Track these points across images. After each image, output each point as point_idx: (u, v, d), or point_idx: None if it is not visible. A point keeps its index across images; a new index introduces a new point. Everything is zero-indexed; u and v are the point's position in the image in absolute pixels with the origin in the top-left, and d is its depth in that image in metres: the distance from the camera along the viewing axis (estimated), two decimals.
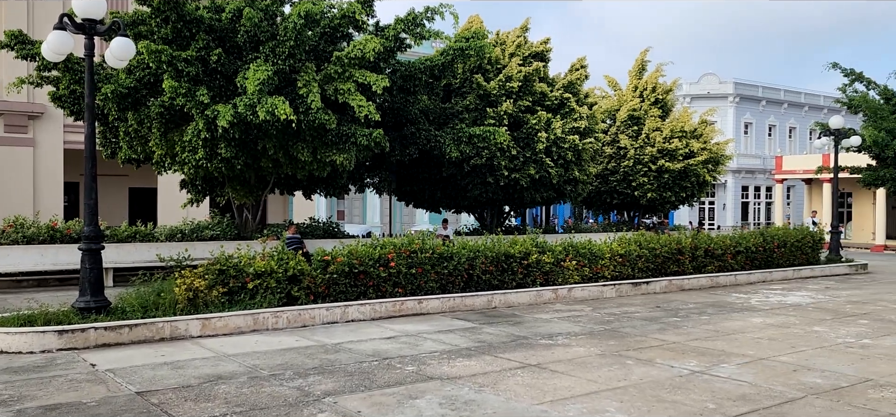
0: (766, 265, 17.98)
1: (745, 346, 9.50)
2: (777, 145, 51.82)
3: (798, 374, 7.96)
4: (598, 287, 14.34)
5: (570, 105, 21.38)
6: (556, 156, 20.79)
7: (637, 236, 16.12)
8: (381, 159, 18.63)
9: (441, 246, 12.77)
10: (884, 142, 26.53)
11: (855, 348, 9.46)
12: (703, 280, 16.10)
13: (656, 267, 15.77)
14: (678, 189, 26.68)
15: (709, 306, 13.28)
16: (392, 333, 10.27)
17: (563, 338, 9.98)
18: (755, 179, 51.09)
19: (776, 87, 52.82)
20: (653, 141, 26.41)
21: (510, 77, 20.26)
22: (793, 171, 41.96)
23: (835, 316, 12.21)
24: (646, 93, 27.83)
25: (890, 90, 28.58)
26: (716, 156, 27.15)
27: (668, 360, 8.61)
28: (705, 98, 48.28)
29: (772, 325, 11.20)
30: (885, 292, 15.68)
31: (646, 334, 10.36)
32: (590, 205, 29.77)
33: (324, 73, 14.70)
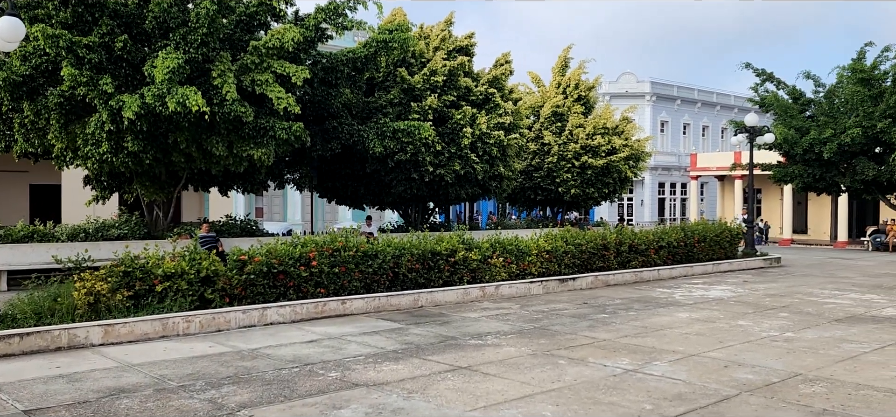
0: (688, 259, 18.28)
1: (675, 342, 9.43)
2: (691, 143, 53.54)
3: (730, 370, 7.89)
4: (526, 284, 14.14)
5: (494, 100, 21.19)
6: (481, 151, 20.55)
7: (563, 232, 16.04)
8: (302, 154, 17.91)
9: (365, 243, 12.27)
10: (793, 139, 27.61)
11: (780, 341, 9.53)
12: (627, 275, 16.17)
13: (582, 263, 15.73)
14: (601, 185, 26.96)
15: (635, 301, 13.27)
16: (314, 336, 9.71)
17: (492, 338, 9.66)
18: (671, 176, 52.62)
19: (690, 87, 54.56)
20: (576, 137, 26.59)
21: (435, 71, 19.87)
22: (707, 168, 43.40)
23: (756, 309, 12.39)
24: (569, 90, 28.00)
25: (798, 90, 29.80)
26: (637, 152, 27.60)
27: (601, 359, 8.41)
28: (624, 96, 49.32)
29: (698, 320, 11.24)
30: (799, 285, 16.15)
31: (576, 332, 10.17)
32: (514, 201, 29.77)
33: (240, 64, 13.92)
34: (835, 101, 28.86)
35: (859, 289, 15.25)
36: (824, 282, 16.60)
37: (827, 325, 10.80)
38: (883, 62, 27.92)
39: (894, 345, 9.30)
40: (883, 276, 18.08)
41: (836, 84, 29.30)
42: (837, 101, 28.71)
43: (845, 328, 10.57)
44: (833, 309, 12.48)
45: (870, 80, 27.55)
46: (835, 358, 8.49)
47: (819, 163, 28.21)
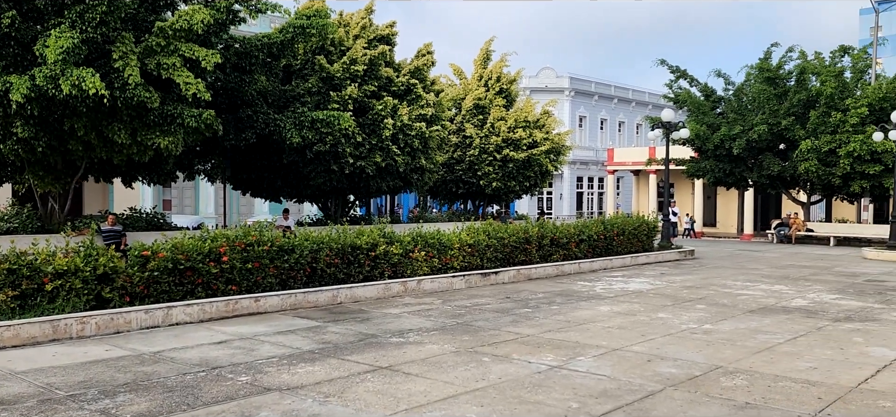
0: (607, 252, 18.47)
1: (598, 336, 9.33)
2: (608, 138, 54.73)
3: (653, 364, 7.82)
4: (448, 278, 13.87)
5: (416, 91, 20.82)
6: (402, 143, 20.15)
7: (485, 226, 15.86)
8: (214, 144, 17.04)
9: (281, 237, 11.68)
10: (705, 135, 28.52)
11: (699, 334, 9.59)
12: (549, 269, 16.15)
13: (504, 257, 15.60)
14: (522, 178, 27.04)
15: (557, 295, 13.21)
16: (224, 337, 9.10)
17: (414, 335, 9.31)
18: (589, 170, 53.66)
19: (607, 83, 55.75)
20: (498, 130, 26.55)
21: (355, 60, 19.33)
22: (623, 163, 44.44)
23: (674, 301, 12.52)
24: (491, 83, 27.94)
25: (710, 87, 30.79)
26: (557, 146, 27.83)
27: (525, 355, 8.20)
28: (543, 91, 49.88)
29: (619, 313, 11.23)
30: (713, 277, 16.53)
31: (499, 327, 9.95)
32: (436, 194, 29.52)
33: (144, 46, 13.01)
34: (743, 99, 30.01)
35: (768, 281, 15.73)
36: (736, 274, 17.07)
37: (742, 316, 10.98)
38: (787, 62, 29.17)
39: (805, 336, 9.50)
40: (789, 268, 18.77)
41: (744, 82, 30.49)
42: (746, 99, 29.86)
43: (759, 319, 10.77)
44: (746, 300, 12.75)
45: (775, 80, 28.74)
46: (752, 350, 8.57)
47: (729, 159, 29.26)
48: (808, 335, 9.55)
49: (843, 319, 10.80)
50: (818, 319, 10.78)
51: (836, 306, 12.09)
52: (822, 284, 15.13)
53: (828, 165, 26.32)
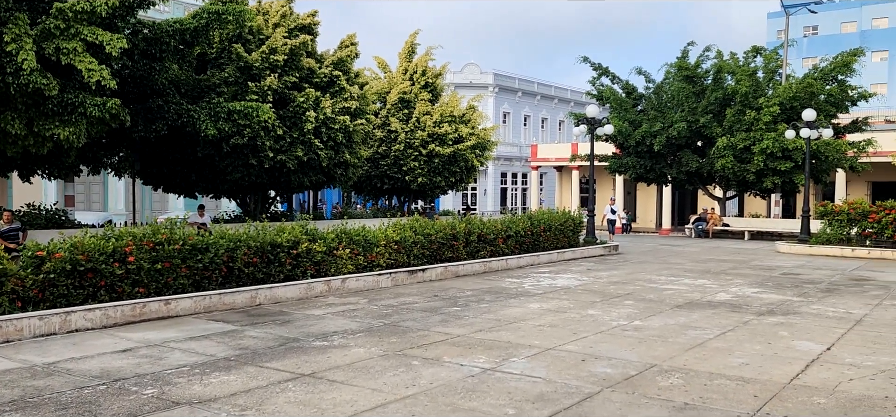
0: (534, 248, 18.36)
1: (530, 336, 9.06)
2: (532, 134, 55.22)
3: (588, 364, 7.58)
4: (374, 276, 13.38)
5: (340, 83, 20.17)
6: (325, 137, 19.48)
7: (412, 222, 15.44)
8: (122, 135, 15.96)
9: (194, 235, 10.92)
10: (627, 132, 28.95)
11: (630, 331, 9.46)
12: (476, 265, 15.88)
13: (431, 254, 15.22)
14: (448, 174, 26.75)
15: (486, 293, 12.92)
16: (129, 344, 8.34)
17: (339, 338, 8.80)
18: (513, 166, 54.00)
19: (530, 80, 56.24)
20: (423, 125, 26.16)
21: (275, 49, 18.51)
22: (546, 159, 44.85)
23: (603, 297, 12.44)
24: (416, 77, 27.51)
25: (631, 85, 31.30)
26: (483, 141, 27.68)
27: (457, 358, 7.83)
28: (468, 87, 49.84)
29: (549, 311, 11.02)
30: (638, 272, 16.64)
31: (428, 328, 9.55)
32: (360, 189, 28.89)
33: (41, 28, 11.97)
34: (663, 97, 30.64)
35: (691, 275, 15.94)
36: (660, 269, 17.26)
37: (670, 312, 10.96)
38: (704, 61, 29.95)
39: (733, 330, 9.51)
40: (709, 262, 19.16)
41: (663, 80, 31.14)
42: (665, 97, 30.50)
43: (687, 314, 10.77)
44: (672, 295, 12.81)
45: (693, 78, 29.46)
46: (684, 346, 8.48)
47: (650, 155, 29.83)
48: (736, 329, 9.56)
49: (766, 313, 10.93)
50: (743, 313, 10.87)
51: (758, 300, 12.27)
52: (743, 278, 15.43)
53: (743, 162, 27.17)
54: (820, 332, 9.41)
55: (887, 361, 7.81)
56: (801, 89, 26.62)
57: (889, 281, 14.96)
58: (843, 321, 10.28)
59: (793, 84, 27.11)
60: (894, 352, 8.24)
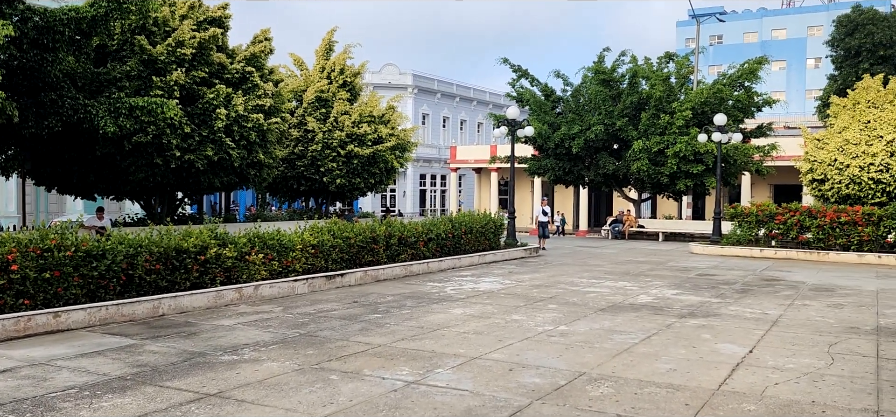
0: (455, 251, 18.05)
1: (455, 344, 8.68)
2: (451, 136, 55.16)
3: (515, 374, 7.26)
4: (289, 282, 12.71)
5: (253, 80, 19.28)
6: (237, 135, 18.57)
7: (330, 224, 14.82)
8: (10, 132, 14.64)
9: (88, 240, 9.99)
10: (546, 134, 29.13)
11: (556, 337, 9.22)
12: (397, 269, 15.41)
13: (351, 258, 14.66)
14: (367, 175, 26.15)
15: (407, 298, 12.48)
16: (9, 364, 7.45)
17: (250, 351, 8.16)
18: (432, 168, 53.78)
19: (449, 82, 56.17)
20: (341, 124, 25.46)
21: (182, 42, 17.48)
22: (465, 161, 44.82)
23: (527, 302, 12.21)
24: (333, 75, 26.77)
25: (550, 87, 31.54)
26: (403, 142, 27.22)
27: (378, 370, 7.35)
28: (387, 87, 49.29)
29: (473, 316, 10.68)
30: (559, 274, 16.58)
31: (347, 337, 9.03)
32: (275, 191, 27.89)
33: None
34: (580, 100, 31.01)
35: (612, 277, 15.99)
36: (581, 271, 17.26)
37: (594, 316, 10.82)
38: (620, 65, 30.50)
39: (657, 334, 9.43)
40: (628, 263, 19.36)
41: (581, 84, 31.53)
42: (582, 100, 30.88)
43: (611, 317, 10.66)
44: (595, 298, 12.72)
45: (610, 82, 29.95)
46: (611, 352, 8.29)
47: (569, 157, 30.14)
48: (660, 333, 9.48)
49: (687, 315, 10.95)
50: (665, 316, 10.85)
51: (678, 302, 12.33)
52: (661, 280, 15.58)
53: (657, 165, 27.78)
54: (740, 334, 9.44)
55: (808, 363, 7.85)
56: (711, 95, 27.46)
57: (797, 281, 15.43)
58: (761, 322, 10.39)
59: (704, 89, 27.94)
60: (813, 354, 8.31)
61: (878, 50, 41.62)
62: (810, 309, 11.69)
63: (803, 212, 21.07)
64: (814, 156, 25.14)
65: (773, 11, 75.59)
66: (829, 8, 71.55)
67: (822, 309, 11.63)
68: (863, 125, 24.38)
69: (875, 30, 42.02)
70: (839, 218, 20.33)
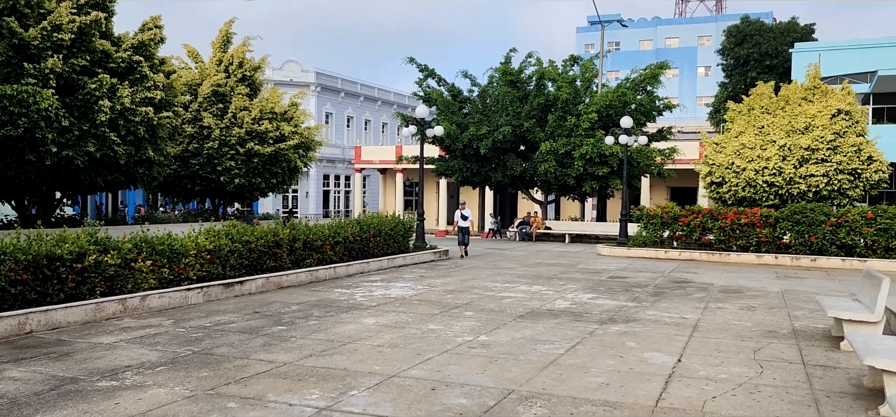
0: (364, 255, 17.22)
1: (369, 359, 7.91)
2: (355, 136, 54.03)
3: (439, 395, 6.58)
4: (182, 292, 11.52)
5: (141, 70, 17.72)
6: (123, 130, 16.98)
7: (228, 228, 13.67)
8: None
9: None
10: (454, 134, 28.70)
11: (477, 348, 8.61)
12: (302, 275, 14.43)
13: (251, 264, 13.57)
14: (268, 175, 24.79)
15: (314, 307, 11.57)
16: None
17: (134, 375, 7.09)
18: (335, 168, 52.46)
19: (354, 81, 55.01)
20: (241, 121, 24.02)
21: (59, 26, 15.77)
22: (370, 161, 43.88)
23: (442, 309, 11.57)
24: (232, 69, 25.26)
25: (457, 88, 31.16)
26: (307, 141, 26.02)
27: (284, 395, 6.49)
28: (289, 85, 47.64)
29: (387, 327, 9.93)
30: (472, 278, 16.05)
31: (248, 354, 8.08)
32: (168, 191, 26.04)
33: None
34: (487, 101, 30.80)
35: (526, 281, 15.61)
36: (493, 275, 16.82)
37: (514, 324, 10.32)
38: (527, 67, 30.48)
39: (582, 343, 9.01)
40: (539, 266, 19.11)
41: (488, 85, 31.33)
42: (490, 101, 30.67)
43: (531, 325, 10.18)
44: (512, 304, 12.25)
45: (517, 83, 29.87)
46: (538, 365, 7.76)
47: (476, 158, 29.84)
48: (584, 342, 9.06)
49: (607, 321, 10.63)
50: (586, 322, 10.48)
51: (596, 306, 12.03)
52: (575, 283, 15.34)
53: (564, 166, 27.89)
54: (665, 341, 9.15)
55: (738, 373, 7.58)
56: (615, 98, 27.83)
57: (706, 283, 15.56)
58: (681, 327, 10.19)
59: (608, 93, 28.31)
60: (741, 362, 8.08)
61: (764, 59, 43.86)
62: (725, 312, 11.65)
63: (705, 214, 21.55)
64: (713, 159, 25.88)
65: (667, 20, 78.80)
66: (718, 19, 75.29)
67: (737, 312, 11.61)
68: (758, 130, 25.30)
69: (762, 40, 44.27)
70: (739, 220, 20.90)
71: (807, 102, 25.17)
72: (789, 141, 24.43)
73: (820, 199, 24.15)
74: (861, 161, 23.87)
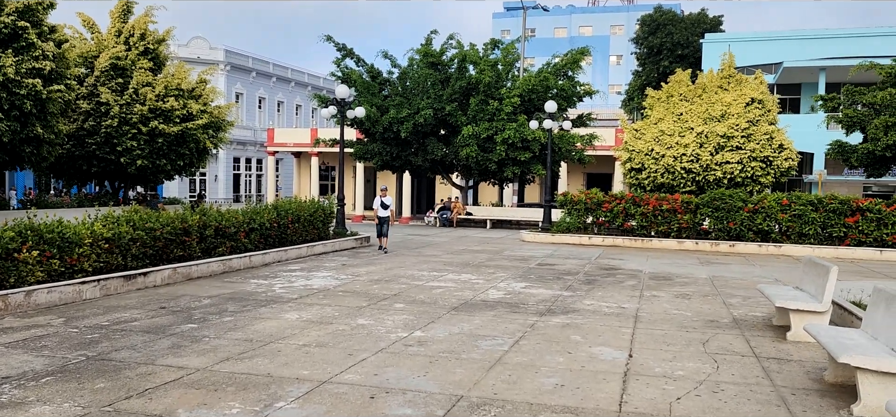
0: (281, 243, 16.12)
1: (296, 362, 7.04)
2: (267, 118, 52.05)
3: (380, 404, 5.81)
4: (75, 286, 10.22)
5: (28, 37, 15.91)
6: (7, 104, 15.18)
7: (129, 213, 12.34)
8: None
9: None
10: (374, 117, 27.73)
11: (414, 346, 7.88)
12: (214, 265, 13.25)
13: (156, 253, 12.31)
14: (175, 156, 23.11)
15: (229, 300, 10.52)
16: None
17: (13, 389, 5.98)
18: (246, 151, 50.38)
19: (266, 60, 52.93)
20: (143, 98, 22.22)
21: None
22: (284, 144, 42.26)
23: (370, 301, 10.76)
24: (133, 41, 23.34)
25: (376, 69, 30.17)
26: (217, 120, 24.43)
27: (199, 409, 5.56)
28: (196, 63, 45.20)
29: (312, 322, 9.04)
30: (397, 267, 15.28)
31: (153, 359, 7.04)
32: (61, 173, 23.89)
33: None
34: (408, 83, 29.97)
35: (454, 269, 14.98)
36: (419, 263, 16.10)
37: (449, 316, 9.64)
38: (448, 49, 29.81)
39: (525, 337, 8.43)
40: (464, 253, 18.53)
41: (408, 66, 30.49)
42: (410, 83, 29.86)
43: (468, 318, 9.53)
44: (443, 294, 11.57)
45: (438, 65, 29.16)
46: (484, 365, 7.11)
47: (397, 142, 28.99)
48: (527, 336, 8.48)
49: (546, 312, 10.11)
50: (524, 314, 9.93)
51: (531, 296, 11.51)
52: (504, 271, 14.83)
53: (486, 151, 27.43)
54: (610, 335, 8.69)
55: (694, 368, 7.17)
56: (538, 82, 27.57)
57: (634, 270, 15.38)
58: (622, 318, 9.79)
59: (531, 77, 28.01)
60: (693, 356, 7.69)
61: (676, 49, 44.92)
62: (661, 300, 11.37)
63: (628, 200, 21.54)
64: (633, 145, 26.02)
65: (581, 9, 79.97)
66: (630, 9, 77.01)
67: (673, 301, 11.35)
68: (676, 117, 25.59)
69: (674, 30, 45.30)
70: (661, 207, 20.99)
71: (722, 90, 25.65)
72: (706, 128, 24.83)
73: (734, 186, 24.69)
74: (773, 149, 24.53)
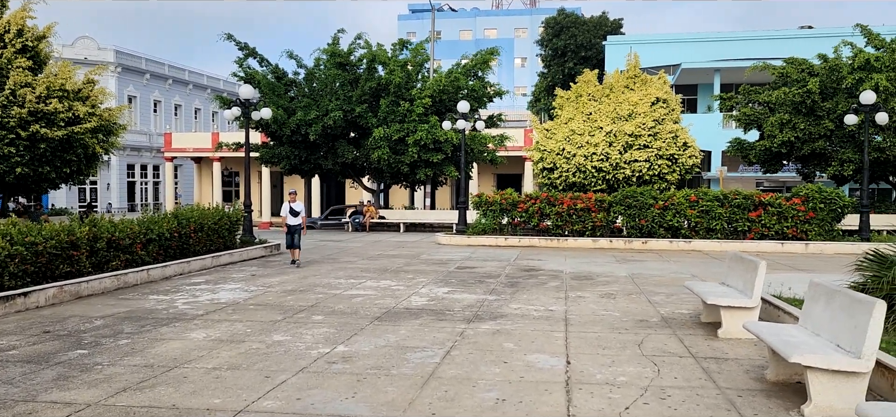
0: (183, 254, 14.96)
1: (206, 389, 6.25)
2: (164, 122, 49.51)
3: None
4: None
5: None
6: None
7: (6, 226, 11.02)
8: None
9: None
10: (281, 119, 26.64)
11: (339, 363, 7.23)
12: (107, 281, 12.05)
13: (39, 270, 11.04)
14: (60, 163, 21.23)
15: (125, 320, 9.48)
16: None
17: None
18: (142, 157, 47.71)
19: (161, 62, 50.33)
20: (22, 99, 20.30)
21: None
22: (183, 149, 40.20)
23: (285, 314, 9.97)
24: (8, 37, 21.32)
25: (281, 69, 29.06)
26: (108, 123, 22.68)
27: None
28: (83, 64, 42.36)
29: (222, 341, 8.21)
30: (311, 275, 14.47)
31: (35, 395, 6.09)
32: None
33: None
34: (315, 84, 29.01)
35: (372, 275, 14.33)
36: (334, 270, 15.34)
37: (372, 327, 9.02)
38: (356, 49, 29.04)
39: (455, 347, 7.94)
40: (380, 258, 17.89)
41: (315, 67, 29.50)
42: (317, 84, 28.91)
43: (393, 328, 8.95)
44: (363, 302, 10.93)
45: (346, 65, 28.36)
46: (416, 381, 6.56)
47: (305, 145, 27.98)
48: (458, 346, 7.99)
49: (473, 318, 9.66)
50: (451, 321, 9.43)
51: (455, 302, 11.04)
52: (424, 276, 14.30)
53: (398, 153, 26.85)
54: (543, 340, 8.32)
55: (636, 373, 6.88)
56: (448, 83, 27.23)
57: (555, 271, 15.20)
58: (552, 321, 9.47)
59: (441, 77, 27.64)
60: (631, 359, 7.42)
61: (580, 51, 45.81)
62: (587, 301, 11.16)
63: (543, 200, 21.49)
64: (544, 145, 26.09)
65: (486, 12, 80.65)
66: (533, 12, 78.34)
67: (599, 301, 11.17)
68: (586, 116, 25.85)
69: (578, 32, 46.20)
70: (575, 206, 21.05)
71: (629, 90, 26.12)
72: (615, 127, 25.20)
73: (643, 183, 25.16)
74: (678, 147, 25.17)
